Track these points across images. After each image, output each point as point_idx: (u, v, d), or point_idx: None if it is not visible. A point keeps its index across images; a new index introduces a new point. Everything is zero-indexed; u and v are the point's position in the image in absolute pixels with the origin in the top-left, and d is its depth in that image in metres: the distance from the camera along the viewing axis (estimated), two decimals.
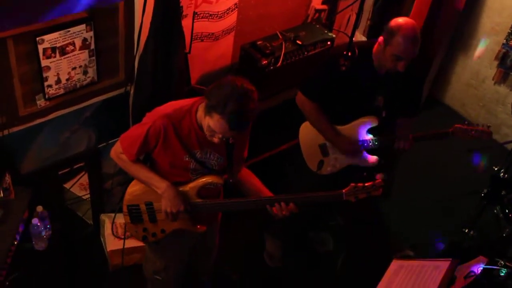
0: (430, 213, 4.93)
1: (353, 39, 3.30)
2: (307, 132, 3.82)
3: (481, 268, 2.88)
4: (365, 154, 3.67)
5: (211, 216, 3.32)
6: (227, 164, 3.03)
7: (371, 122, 3.56)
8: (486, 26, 5.61)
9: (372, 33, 5.41)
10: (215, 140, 2.76)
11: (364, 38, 5.30)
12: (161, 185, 2.94)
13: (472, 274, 2.82)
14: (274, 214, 2.96)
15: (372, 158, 3.69)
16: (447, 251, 4.51)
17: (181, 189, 2.99)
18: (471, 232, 4.62)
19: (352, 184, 2.93)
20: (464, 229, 4.64)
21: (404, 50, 3.23)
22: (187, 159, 2.93)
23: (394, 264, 3.02)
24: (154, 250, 3.42)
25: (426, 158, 5.50)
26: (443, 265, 2.86)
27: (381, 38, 3.35)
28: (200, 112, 2.80)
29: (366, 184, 2.93)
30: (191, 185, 3.00)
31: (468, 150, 5.07)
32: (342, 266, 4.41)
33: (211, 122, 2.67)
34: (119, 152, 3.01)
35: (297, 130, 3.94)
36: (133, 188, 3.11)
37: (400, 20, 3.31)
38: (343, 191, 2.93)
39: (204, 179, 2.99)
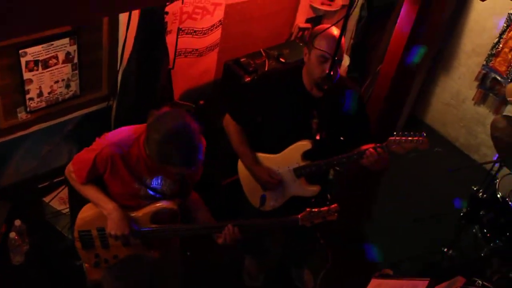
0: (410, 231, 4.95)
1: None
2: (243, 168, 3.61)
3: None
4: (305, 183, 3.47)
5: (165, 241, 3.19)
6: (180, 189, 2.97)
7: (304, 146, 3.33)
8: (467, 47, 5.69)
9: (355, 51, 5.46)
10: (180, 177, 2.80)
11: (347, 57, 5.35)
12: (108, 206, 2.85)
13: None
14: (220, 240, 2.93)
15: (313, 187, 3.49)
16: (426, 270, 4.53)
17: (133, 214, 2.92)
18: (450, 252, 4.64)
19: (308, 209, 2.91)
20: (443, 248, 4.66)
21: (327, 48, 3.06)
22: (137, 186, 2.86)
23: (373, 283, 3.02)
24: (110, 274, 3.34)
25: (406, 176, 5.55)
26: (422, 284, 2.86)
27: (305, 50, 3.22)
28: (150, 154, 2.71)
29: (321, 209, 2.90)
30: (144, 210, 2.93)
31: (448, 170, 5.12)
32: (321, 284, 4.40)
33: (170, 170, 2.67)
34: (71, 171, 2.96)
35: None
36: (85, 214, 3.00)
37: (323, 27, 3.16)
38: (299, 216, 2.91)
39: (157, 205, 2.92)
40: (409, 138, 3.13)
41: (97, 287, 4.00)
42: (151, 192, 2.90)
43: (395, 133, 3.15)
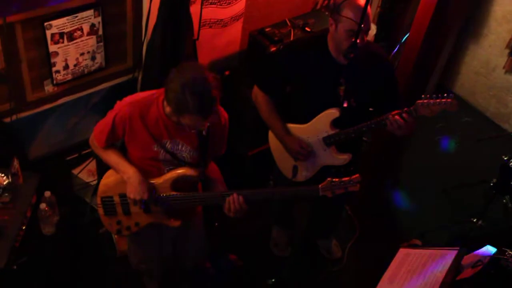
0: (439, 202, 4.90)
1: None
2: (274, 138, 3.60)
3: (489, 257, 2.85)
4: (336, 151, 3.44)
5: (186, 210, 3.18)
6: (201, 157, 2.95)
7: (332, 115, 3.30)
8: (497, 14, 5.55)
9: (382, 21, 5.37)
10: (201, 128, 2.76)
11: (373, 26, 5.26)
12: (128, 170, 2.88)
13: (480, 263, 2.80)
14: (225, 209, 2.92)
15: (344, 155, 3.46)
16: (454, 240, 4.49)
17: (154, 181, 2.93)
18: (479, 222, 4.59)
19: (329, 179, 2.88)
20: (472, 219, 4.61)
21: (356, 19, 3.00)
22: (156, 149, 2.86)
23: (401, 253, 3.00)
24: (134, 242, 3.41)
25: (435, 147, 5.49)
26: (451, 254, 2.83)
27: (330, 20, 3.15)
28: (168, 107, 2.73)
29: (343, 179, 2.87)
30: (165, 177, 2.94)
31: (478, 139, 5.04)
32: (349, 255, 4.40)
33: (186, 121, 2.66)
34: (93, 137, 2.99)
35: None
36: (107, 180, 3.04)
37: None
38: (319, 186, 2.89)
39: (178, 171, 2.92)
40: (437, 100, 3.07)
41: (126, 257, 4.07)
42: (170, 157, 2.89)
43: (423, 96, 3.09)
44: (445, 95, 3.08)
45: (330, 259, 4.41)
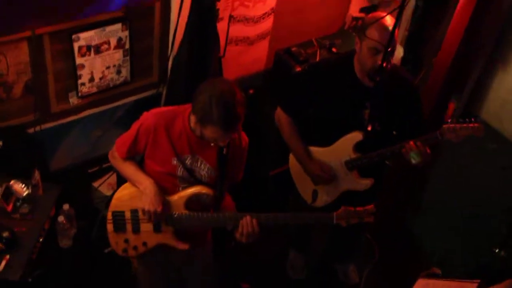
0: (460, 230, 4.82)
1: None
2: (295, 161, 3.57)
3: None
4: (357, 176, 3.39)
5: (196, 234, 3.14)
6: (218, 177, 2.92)
7: (355, 138, 3.26)
8: None
9: (410, 43, 5.32)
10: (221, 144, 2.74)
11: (401, 49, 5.21)
12: (144, 181, 2.87)
13: None
14: (237, 234, 2.87)
15: (366, 180, 3.39)
16: (475, 270, 4.40)
17: (168, 198, 2.91)
18: (502, 253, 4.49)
19: (343, 207, 2.85)
20: (494, 249, 4.52)
21: (380, 38, 2.97)
22: (175, 162, 2.85)
23: (420, 283, 2.95)
24: (140, 264, 3.38)
25: (459, 173, 5.40)
26: (471, 286, 2.78)
27: (356, 39, 3.14)
28: (193, 117, 2.73)
29: (357, 209, 2.84)
30: (180, 194, 2.91)
31: (502, 167, 4.95)
32: (367, 280, 4.33)
33: (208, 133, 2.65)
34: (113, 150, 3.00)
35: None
36: (121, 193, 3.02)
37: (376, 15, 3.07)
38: (334, 213, 2.85)
39: (193, 189, 2.90)
40: (464, 125, 3.03)
41: None
42: (188, 174, 2.87)
43: (449, 120, 3.05)
44: (472, 119, 3.04)
45: (347, 284, 4.36)
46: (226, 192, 3.07)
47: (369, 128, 3.20)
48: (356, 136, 3.26)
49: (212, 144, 2.77)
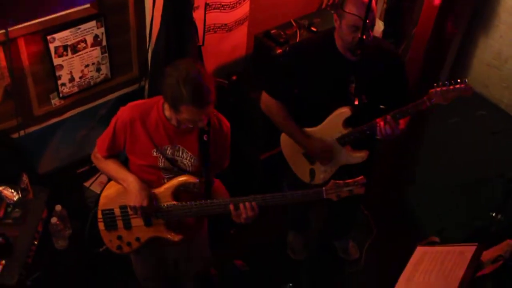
0: (456, 198, 4.82)
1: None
2: (287, 143, 3.57)
3: (510, 252, 2.79)
4: (351, 150, 3.39)
5: (189, 225, 3.10)
6: (202, 165, 2.89)
7: (344, 113, 3.25)
8: (508, 4, 5.45)
9: (389, 17, 5.30)
10: (201, 124, 2.71)
11: (381, 22, 5.20)
12: (127, 177, 2.84)
13: (501, 258, 2.73)
14: (237, 217, 2.85)
15: (360, 153, 3.40)
16: (473, 236, 4.41)
17: (155, 190, 2.88)
18: (498, 216, 4.50)
19: (333, 181, 2.82)
20: (491, 213, 4.53)
21: (358, 13, 2.96)
22: (155, 154, 2.82)
23: (418, 251, 2.95)
24: (136, 260, 3.37)
25: (449, 142, 5.40)
26: (469, 250, 2.78)
27: (335, 16, 3.13)
28: (166, 105, 2.72)
29: (347, 181, 2.81)
30: (166, 185, 2.89)
31: (492, 132, 4.96)
32: (367, 254, 4.34)
33: (184, 115, 2.63)
34: (95, 151, 2.97)
35: None
36: (108, 191, 3.00)
37: None
38: (323, 188, 2.83)
39: (179, 179, 2.86)
40: (451, 87, 3.03)
41: None
42: (170, 164, 2.85)
43: (435, 84, 3.04)
44: (458, 81, 3.04)
45: (347, 260, 4.37)
46: (216, 179, 3.05)
47: (356, 102, 3.20)
48: (344, 112, 3.25)
49: (191, 126, 2.74)
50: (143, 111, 2.79)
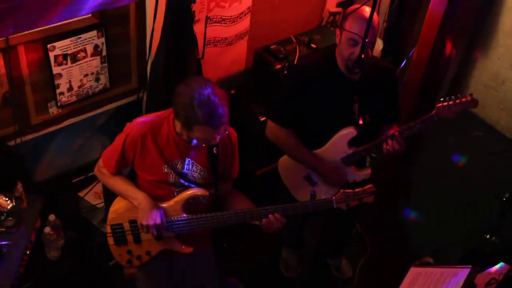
0: (451, 218, 4.82)
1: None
2: (287, 167, 3.56)
3: (503, 275, 2.78)
4: (355, 168, 3.41)
5: (199, 237, 3.07)
6: (212, 177, 2.89)
7: (350, 134, 3.26)
8: (506, 27, 5.49)
9: (388, 36, 5.33)
10: (214, 143, 2.70)
11: (380, 41, 5.22)
12: (137, 196, 2.82)
13: (494, 281, 2.73)
14: (265, 228, 2.87)
15: (364, 170, 3.43)
16: (468, 257, 4.40)
17: (165, 204, 2.87)
18: (493, 238, 4.50)
19: (342, 190, 2.83)
20: (485, 235, 4.52)
21: (359, 30, 2.97)
22: (166, 170, 2.81)
23: (412, 272, 2.93)
24: (142, 272, 3.31)
25: (445, 162, 5.41)
26: (463, 272, 2.77)
27: (337, 31, 3.14)
28: (177, 122, 2.71)
29: (356, 190, 2.82)
30: (176, 199, 2.87)
31: (489, 153, 4.97)
32: (360, 274, 4.32)
33: (197, 134, 2.62)
34: (100, 166, 2.94)
35: None
36: (117, 206, 2.96)
37: (354, 7, 3.08)
38: (333, 197, 2.83)
39: (189, 192, 2.85)
40: (457, 101, 3.06)
41: (134, 281, 4.01)
42: (182, 180, 2.84)
43: (441, 99, 3.08)
44: (463, 95, 3.09)
45: (340, 278, 4.34)
46: (235, 191, 3.07)
47: (361, 122, 3.23)
48: (350, 132, 3.26)
49: (204, 146, 2.76)
50: (153, 127, 2.77)
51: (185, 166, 2.84)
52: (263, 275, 4.31)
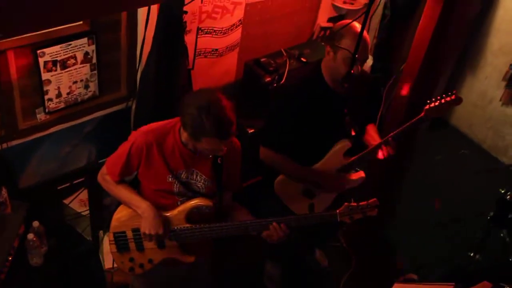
0: (436, 236, 4.84)
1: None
2: (284, 186, 3.59)
3: None
4: (350, 175, 3.52)
5: (201, 246, 3.10)
6: (216, 187, 2.91)
7: (345, 147, 3.38)
8: (494, 46, 5.56)
9: (378, 52, 5.36)
10: (221, 153, 2.73)
11: (370, 56, 5.25)
12: (141, 205, 2.83)
13: None
14: (268, 238, 2.88)
15: (357, 175, 3.53)
16: (451, 275, 4.41)
17: (169, 213, 2.87)
18: (477, 256, 4.51)
19: (346, 204, 2.84)
20: (469, 253, 4.54)
21: (358, 52, 3.04)
22: (170, 180, 2.82)
23: None
24: (140, 281, 3.31)
25: (431, 179, 5.43)
26: None
27: (327, 48, 3.18)
28: (184, 133, 2.71)
29: (360, 204, 2.84)
30: (180, 208, 2.88)
31: (475, 172, 5.00)
32: None
33: (204, 145, 2.63)
34: (104, 173, 2.94)
35: None
36: (120, 214, 2.97)
37: (344, 23, 3.15)
38: (337, 211, 2.84)
39: (193, 202, 2.86)
40: (443, 101, 3.23)
41: None
42: (184, 189, 2.85)
43: (428, 101, 3.24)
44: (448, 93, 3.25)
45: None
46: (235, 202, 3.09)
47: (353, 133, 3.35)
48: (346, 145, 3.37)
49: (210, 156, 2.77)
50: (158, 136, 2.77)
51: (190, 176, 2.86)
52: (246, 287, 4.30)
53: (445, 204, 5.13)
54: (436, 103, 3.22)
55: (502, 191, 4.41)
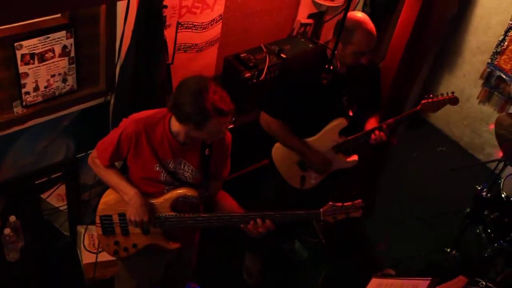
0: (413, 231, 4.89)
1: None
2: (280, 153, 3.73)
3: None
4: (343, 156, 3.64)
5: (185, 234, 3.17)
6: (203, 178, 2.94)
7: (341, 124, 3.49)
8: (472, 45, 5.62)
9: None
10: (222, 135, 2.81)
11: None
12: (129, 191, 2.87)
13: None
14: (249, 232, 2.89)
15: (351, 158, 3.66)
16: (428, 270, 4.47)
17: (154, 200, 2.92)
18: (453, 252, 4.57)
19: (330, 203, 2.84)
20: (446, 248, 4.60)
21: (366, 45, 3.26)
22: (157, 169, 2.86)
23: (373, 283, 2.97)
24: (126, 268, 3.34)
25: (409, 176, 5.49)
26: (423, 284, 2.82)
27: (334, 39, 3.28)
28: (174, 121, 2.75)
29: (345, 204, 2.85)
30: (166, 196, 2.92)
31: (451, 169, 5.05)
32: (323, 284, 4.34)
33: (210, 129, 2.65)
34: (94, 156, 2.98)
35: None
36: (107, 198, 3.02)
37: (355, 16, 3.29)
38: (321, 210, 2.84)
39: (178, 191, 2.91)
40: (441, 98, 3.49)
41: (95, 286, 3.97)
42: (171, 178, 2.88)
43: (426, 96, 3.49)
44: (447, 93, 3.52)
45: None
46: (223, 192, 3.12)
47: (351, 113, 3.47)
48: (341, 123, 3.48)
49: (198, 147, 2.81)
50: (148, 125, 2.80)
51: (177, 166, 2.89)
52: (225, 281, 4.30)
53: (422, 200, 5.19)
54: (434, 99, 3.45)
55: (479, 188, 4.47)
